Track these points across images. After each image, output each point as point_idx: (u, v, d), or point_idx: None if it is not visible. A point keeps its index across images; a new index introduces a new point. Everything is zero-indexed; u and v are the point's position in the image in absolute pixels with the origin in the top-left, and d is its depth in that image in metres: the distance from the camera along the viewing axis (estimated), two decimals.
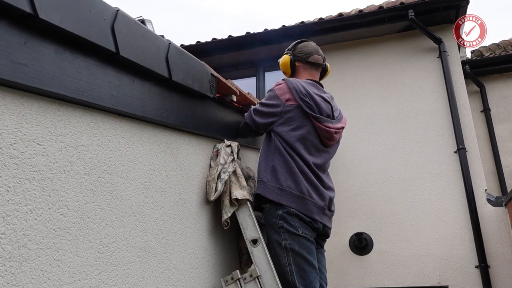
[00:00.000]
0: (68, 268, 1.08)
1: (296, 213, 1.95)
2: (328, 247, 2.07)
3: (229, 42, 5.31)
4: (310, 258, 1.92)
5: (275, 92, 2.18)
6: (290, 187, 1.98)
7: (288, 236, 1.91)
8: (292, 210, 1.95)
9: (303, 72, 2.36)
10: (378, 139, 4.76)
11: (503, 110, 5.73)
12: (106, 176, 1.27)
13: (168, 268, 1.54)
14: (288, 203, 1.95)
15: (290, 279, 1.87)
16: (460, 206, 4.30)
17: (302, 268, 1.88)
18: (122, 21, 1.33)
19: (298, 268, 1.88)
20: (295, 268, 1.88)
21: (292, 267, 1.88)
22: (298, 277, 1.86)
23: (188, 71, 1.75)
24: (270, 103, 2.17)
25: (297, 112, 2.10)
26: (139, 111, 1.44)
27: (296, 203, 1.96)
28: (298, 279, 1.86)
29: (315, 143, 2.13)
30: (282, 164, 2.03)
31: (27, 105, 1.02)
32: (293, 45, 2.42)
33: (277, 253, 1.91)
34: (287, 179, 2.00)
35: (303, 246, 1.92)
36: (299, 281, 1.86)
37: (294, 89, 2.12)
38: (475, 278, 4.08)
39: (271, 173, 2.03)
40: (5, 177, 0.93)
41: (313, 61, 2.35)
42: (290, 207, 1.95)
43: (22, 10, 0.94)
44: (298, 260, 1.89)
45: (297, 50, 2.38)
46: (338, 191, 4.74)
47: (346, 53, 5.13)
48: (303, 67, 2.36)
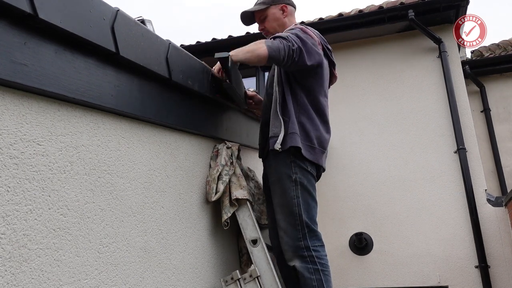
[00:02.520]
0: (68, 268, 1.08)
1: (308, 159, 2.00)
2: (328, 247, 2.08)
3: (229, 42, 5.31)
4: (314, 194, 1.99)
5: (307, 31, 1.99)
6: (314, 142, 2.02)
7: (298, 171, 1.95)
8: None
9: (292, 19, 2.23)
10: (378, 139, 4.76)
11: (503, 110, 5.73)
12: (106, 176, 1.27)
13: (168, 268, 1.54)
14: (306, 154, 1.98)
15: (296, 211, 1.91)
16: (460, 206, 4.30)
17: (307, 202, 1.94)
18: (122, 21, 1.33)
19: (304, 202, 1.93)
20: (302, 201, 1.92)
21: (300, 199, 1.92)
22: (303, 210, 1.91)
23: (188, 71, 1.75)
24: (314, 42, 1.98)
25: (324, 61, 2.06)
26: (139, 111, 1.44)
27: (310, 152, 2.00)
28: (303, 211, 1.91)
29: (327, 92, 2.15)
30: (308, 120, 2.00)
31: (27, 105, 1.02)
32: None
33: (285, 185, 1.94)
34: (312, 136, 2.01)
35: (310, 182, 1.98)
36: (304, 213, 1.91)
37: (318, 34, 2.06)
38: (475, 278, 4.08)
39: (301, 131, 1.99)
40: (5, 177, 0.93)
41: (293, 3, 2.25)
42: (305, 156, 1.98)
43: (22, 10, 0.94)
44: (305, 194, 1.94)
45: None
46: (338, 191, 4.76)
47: (346, 53, 5.13)
48: (291, 12, 2.22)
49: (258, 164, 2.32)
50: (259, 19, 2.23)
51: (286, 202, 1.93)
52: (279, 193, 1.97)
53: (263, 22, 2.21)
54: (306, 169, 1.97)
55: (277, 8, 2.18)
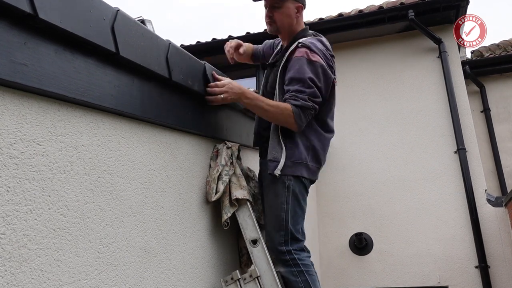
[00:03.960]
0: (68, 268, 1.08)
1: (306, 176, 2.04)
2: (328, 247, 2.08)
3: None
4: (303, 204, 2.01)
5: (320, 62, 1.96)
6: (321, 164, 2.07)
7: (292, 178, 1.96)
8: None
9: (301, 22, 2.17)
10: (378, 139, 4.77)
11: (503, 110, 5.73)
12: (106, 176, 1.27)
13: (168, 268, 1.54)
14: (308, 175, 2.02)
15: (283, 216, 1.93)
16: (460, 206, 4.30)
17: (295, 210, 1.95)
18: (122, 21, 1.33)
19: (292, 209, 1.95)
20: (291, 208, 1.94)
21: (289, 206, 1.93)
22: (290, 217, 1.93)
23: (188, 71, 1.75)
24: (327, 78, 1.99)
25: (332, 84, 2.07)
26: (139, 111, 1.44)
27: (313, 173, 2.04)
28: (290, 218, 1.93)
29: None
30: (317, 142, 2.03)
31: (27, 105, 1.02)
32: None
33: (278, 190, 1.95)
34: (322, 158, 2.06)
35: (301, 192, 1.99)
36: (290, 220, 1.93)
37: (323, 48, 2.04)
38: (475, 278, 4.08)
39: (312, 154, 2.01)
40: (5, 177, 0.93)
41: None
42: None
43: (22, 10, 0.94)
44: (294, 202, 1.95)
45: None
46: (338, 191, 4.76)
47: (346, 53, 5.13)
48: (302, 16, 2.15)
49: (258, 164, 2.32)
50: (271, 4, 2.05)
51: (276, 206, 1.94)
52: (270, 197, 1.99)
53: (275, 10, 2.06)
54: (301, 180, 1.98)
55: (294, 5, 2.07)
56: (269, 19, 2.10)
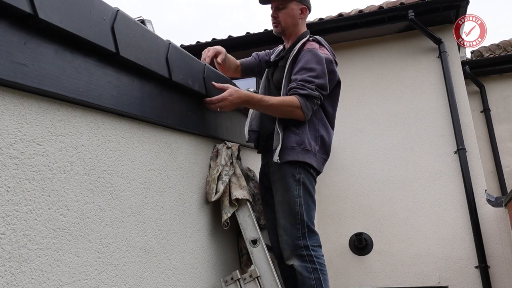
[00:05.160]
0: (68, 268, 1.08)
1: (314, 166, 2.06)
2: (328, 247, 2.08)
3: (229, 43, 5.31)
4: (314, 197, 2.04)
5: (329, 57, 2.06)
6: (328, 154, 2.11)
7: (302, 171, 1.98)
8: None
9: (304, 23, 2.23)
10: (378, 139, 4.76)
11: (503, 110, 5.73)
12: (106, 177, 1.27)
13: (168, 268, 1.54)
14: (316, 165, 2.05)
15: (298, 210, 1.94)
16: (460, 207, 4.30)
17: (307, 203, 1.98)
18: (122, 21, 1.33)
19: (305, 202, 1.97)
20: (303, 201, 1.96)
21: (302, 199, 1.96)
22: (304, 210, 1.95)
23: (188, 71, 1.75)
24: (333, 73, 2.06)
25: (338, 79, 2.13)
26: (139, 111, 1.44)
27: (320, 163, 2.07)
28: (304, 211, 1.95)
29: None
30: (326, 133, 2.08)
31: (27, 105, 1.02)
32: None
33: (289, 184, 1.97)
34: (329, 149, 2.11)
35: (312, 184, 2.03)
36: (305, 213, 1.95)
37: (332, 53, 2.12)
38: (475, 279, 4.08)
39: (320, 144, 2.06)
40: (5, 177, 0.93)
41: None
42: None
43: (22, 10, 0.94)
44: (306, 195, 1.98)
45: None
46: (338, 191, 4.76)
47: (346, 53, 5.13)
48: (306, 18, 2.22)
49: (258, 164, 2.31)
50: (276, 5, 2.14)
51: (288, 201, 1.95)
52: (281, 191, 1.99)
53: (280, 11, 2.14)
54: (309, 171, 2.01)
55: (298, 6, 2.14)
56: (274, 20, 2.18)
